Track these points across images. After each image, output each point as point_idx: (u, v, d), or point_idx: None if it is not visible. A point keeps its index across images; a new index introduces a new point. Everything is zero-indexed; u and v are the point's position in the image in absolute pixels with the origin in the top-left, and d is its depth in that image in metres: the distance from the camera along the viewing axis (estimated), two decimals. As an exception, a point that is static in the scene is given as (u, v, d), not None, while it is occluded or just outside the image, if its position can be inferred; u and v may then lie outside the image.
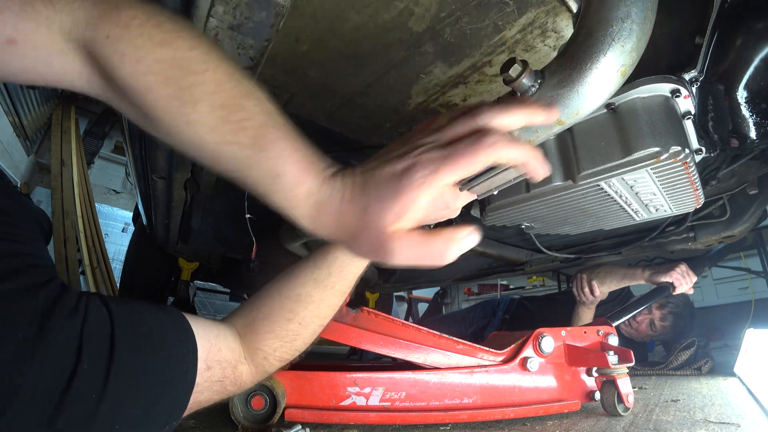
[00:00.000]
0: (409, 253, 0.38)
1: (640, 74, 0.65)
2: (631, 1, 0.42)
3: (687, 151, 0.67)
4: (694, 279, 1.51)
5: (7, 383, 0.30)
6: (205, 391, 0.47)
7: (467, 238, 0.39)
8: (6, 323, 0.31)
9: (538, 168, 0.39)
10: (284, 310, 0.55)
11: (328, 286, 0.56)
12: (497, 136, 0.38)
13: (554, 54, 0.85)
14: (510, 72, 0.45)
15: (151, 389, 0.39)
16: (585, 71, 0.44)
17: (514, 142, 0.38)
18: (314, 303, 0.56)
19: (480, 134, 0.38)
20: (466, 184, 0.59)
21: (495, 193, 0.63)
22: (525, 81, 0.46)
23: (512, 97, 0.44)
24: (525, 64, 0.45)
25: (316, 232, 0.42)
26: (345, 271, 0.57)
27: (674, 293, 1.49)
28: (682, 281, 1.48)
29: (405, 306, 4.17)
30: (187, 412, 0.46)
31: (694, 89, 0.70)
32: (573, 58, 0.45)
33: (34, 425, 0.31)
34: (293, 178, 0.39)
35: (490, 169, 0.55)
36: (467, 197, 0.65)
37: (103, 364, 0.35)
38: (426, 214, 0.62)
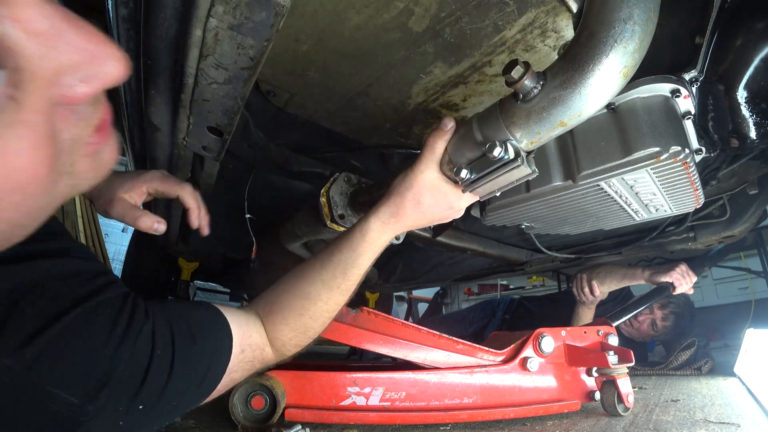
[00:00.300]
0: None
1: (640, 74, 0.64)
2: (633, 2, 0.42)
3: (687, 151, 0.66)
4: (694, 279, 1.51)
5: (108, 363, 0.42)
6: (238, 370, 0.59)
7: (145, 218, 0.64)
8: (111, 321, 0.43)
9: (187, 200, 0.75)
10: (296, 306, 0.63)
11: (334, 287, 0.63)
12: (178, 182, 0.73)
13: (554, 54, 0.85)
14: (512, 74, 0.46)
15: (199, 370, 0.51)
16: (587, 73, 0.43)
17: (178, 185, 0.75)
18: (322, 300, 0.63)
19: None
20: (468, 185, 0.60)
21: (498, 194, 0.63)
22: (527, 83, 0.46)
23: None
24: (527, 65, 0.45)
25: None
26: (348, 273, 0.64)
27: (674, 293, 1.49)
28: (682, 281, 1.48)
29: (405, 306, 4.16)
30: (223, 389, 0.57)
31: (694, 89, 0.70)
32: (575, 60, 0.44)
33: (125, 394, 0.43)
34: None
35: (492, 171, 0.55)
36: (470, 199, 0.66)
37: (169, 350, 0.48)
38: (431, 216, 0.65)
